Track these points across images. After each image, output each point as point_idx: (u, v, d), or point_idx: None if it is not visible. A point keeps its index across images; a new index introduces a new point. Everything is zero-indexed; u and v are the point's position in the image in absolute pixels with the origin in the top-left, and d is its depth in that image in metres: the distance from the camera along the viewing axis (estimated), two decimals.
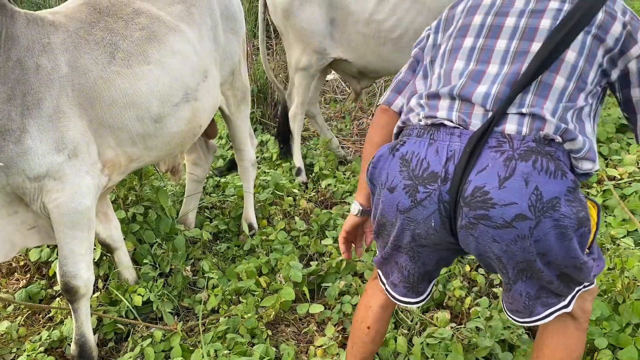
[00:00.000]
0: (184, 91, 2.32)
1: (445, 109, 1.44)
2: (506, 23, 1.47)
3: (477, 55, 1.47)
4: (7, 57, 1.86)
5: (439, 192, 1.37)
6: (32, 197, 1.97)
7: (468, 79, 1.45)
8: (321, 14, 3.44)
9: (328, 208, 3.43)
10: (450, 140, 1.39)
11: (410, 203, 1.41)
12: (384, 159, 1.49)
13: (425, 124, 1.46)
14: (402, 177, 1.42)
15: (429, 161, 1.39)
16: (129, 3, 2.24)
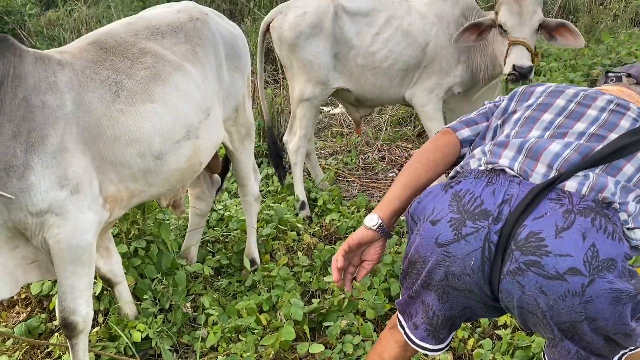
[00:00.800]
0: (186, 129, 2.35)
1: (508, 158, 1.45)
2: (588, 112, 1.52)
3: (554, 130, 1.50)
4: (14, 94, 1.90)
5: (487, 230, 1.34)
6: (33, 232, 1.98)
7: (541, 139, 1.47)
8: (326, 48, 3.59)
9: (332, 243, 3.42)
10: (508, 185, 1.39)
11: (453, 236, 1.37)
12: (434, 195, 1.47)
13: (485, 169, 1.45)
14: (450, 211, 1.40)
15: (483, 199, 1.38)
16: (135, 43, 2.29)
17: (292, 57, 3.67)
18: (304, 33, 3.55)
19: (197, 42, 2.49)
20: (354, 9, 3.60)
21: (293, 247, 3.33)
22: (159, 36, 2.39)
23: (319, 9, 3.55)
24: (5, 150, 1.85)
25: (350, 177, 4.45)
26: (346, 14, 3.59)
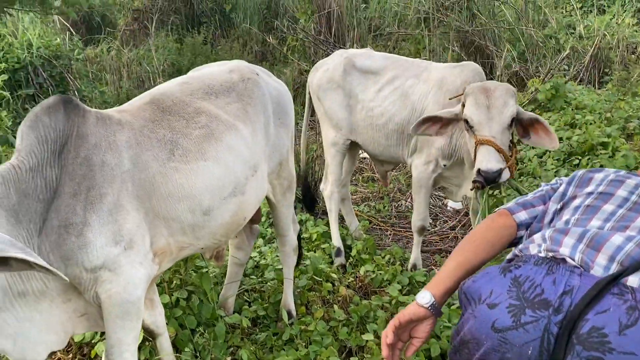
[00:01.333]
0: (234, 185, 2.41)
1: (569, 247, 1.44)
2: None
3: (615, 222, 1.49)
4: (76, 154, 1.98)
5: (548, 320, 1.33)
6: (86, 286, 2.02)
7: (602, 230, 1.46)
8: (341, 99, 3.90)
9: (367, 295, 3.40)
10: (569, 276, 1.38)
11: (511, 323, 1.36)
12: (491, 277, 1.46)
13: (545, 256, 1.45)
14: (509, 296, 1.38)
15: (543, 288, 1.37)
16: (190, 102, 2.37)
17: (319, 106, 4.03)
18: (322, 86, 3.95)
19: (248, 101, 2.56)
20: (364, 66, 3.82)
21: (329, 299, 3.32)
22: (213, 96, 2.47)
23: (334, 66, 3.92)
24: (65, 207, 1.92)
25: (383, 225, 4.45)
26: (357, 70, 3.84)
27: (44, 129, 1.94)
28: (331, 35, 6.83)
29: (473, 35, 6.71)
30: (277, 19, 9.11)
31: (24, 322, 1.92)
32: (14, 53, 4.78)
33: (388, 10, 8.14)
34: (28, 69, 4.74)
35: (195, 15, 9.64)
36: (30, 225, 1.87)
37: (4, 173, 1.85)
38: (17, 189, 1.85)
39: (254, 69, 2.79)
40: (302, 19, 7.73)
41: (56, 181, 1.93)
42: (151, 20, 8.73)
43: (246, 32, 9.30)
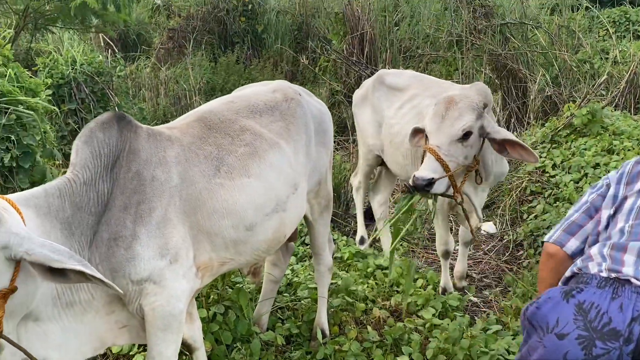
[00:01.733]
0: (276, 202, 2.44)
1: (632, 266, 1.41)
2: None
3: None
4: (127, 168, 2.04)
5: (619, 352, 1.31)
6: (131, 298, 2.06)
7: None
8: (370, 115, 4.06)
9: (400, 317, 3.37)
10: (636, 299, 1.35)
11: (583, 356, 1.34)
12: (554, 303, 1.45)
13: (608, 277, 1.42)
14: (577, 327, 1.36)
15: (610, 317, 1.34)
16: (236, 120, 2.43)
17: (355, 122, 4.31)
18: (357, 103, 4.22)
19: (290, 120, 2.61)
20: (392, 83, 3.93)
21: (362, 320, 3.30)
22: (257, 114, 2.52)
23: (368, 83, 4.16)
24: (116, 221, 1.97)
25: (414, 248, 4.42)
26: (385, 87, 3.96)
27: (98, 144, 2.00)
28: (363, 57, 6.89)
29: (506, 58, 6.68)
30: (309, 40, 9.23)
31: (69, 333, 1.96)
32: (59, 69, 4.95)
33: (419, 32, 8.19)
34: (71, 85, 4.89)
35: (228, 35, 9.84)
36: (82, 238, 1.92)
37: (61, 186, 1.91)
38: (71, 202, 1.91)
39: (297, 89, 2.84)
40: (334, 40, 7.82)
41: (108, 195, 1.98)
42: (185, 39, 8.94)
43: (277, 52, 9.45)
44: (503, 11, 7.56)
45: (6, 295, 1.58)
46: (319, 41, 8.74)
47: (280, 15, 9.94)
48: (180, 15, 9.99)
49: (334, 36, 7.86)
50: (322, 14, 9.38)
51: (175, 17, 10.08)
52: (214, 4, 9.81)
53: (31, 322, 1.82)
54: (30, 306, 1.74)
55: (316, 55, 8.65)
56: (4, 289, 1.57)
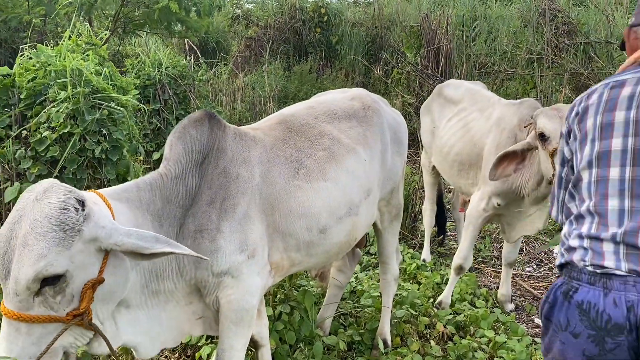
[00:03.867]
0: (349, 206, 2.47)
1: (612, 259, 1.45)
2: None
3: (630, 190, 1.46)
4: (215, 165, 2.13)
5: (627, 342, 1.42)
6: (210, 290, 2.14)
7: (629, 222, 1.44)
8: (428, 124, 4.17)
9: (464, 334, 3.31)
10: (625, 289, 1.42)
11: (598, 351, 1.46)
12: (559, 304, 1.54)
13: (595, 272, 1.47)
14: (584, 327, 1.47)
15: (609, 314, 1.43)
16: (315, 125, 2.49)
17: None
18: (422, 113, 4.35)
19: (367, 127, 2.64)
20: (449, 95, 4.03)
21: (425, 334, 3.26)
22: (336, 120, 2.57)
23: (432, 94, 4.26)
24: (202, 214, 2.06)
25: (482, 267, 4.32)
26: (442, 98, 4.07)
27: (191, 140, 2.10)
28: (438, 70, 6.85)
29: (588, 78, 6.44)
30: (382, 52, 9.27)
31: (154, 320, 2.05)
32: (146, 71, 5.23)
33: (496, 48, 8.03)
34: (156, 86, 5.16)
35: (303, 45, 10.06)
36: (169, 229, 2.02)
37: (152, 181, 2.02)
38: (162, 195, 2.01)
39: (374, 97, 2.87)
40: (408, 53, 7.82)
41: (195, 189, 2.08)
42: (262, 48, 9.21)
43: (350, 63, 9.55)
44: (587, 29, 7.30)
45: (95, 286, 1.67)
46: (392, 53, 8.75)
47: (355, 27, 10.05)
48: (259, 24, 10.31)
49: (408, 49, 7.86)
50: (397, 27, 9.40)
51: (254, 26, 10.41)
52: (291, 15, 10.07)
53: (123, 309, 1.92)
54: (122, 295, 1.83)
55: (388, 67, 8.66)
56: (92, 279, 1.66)
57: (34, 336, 1.59)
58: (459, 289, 3.71)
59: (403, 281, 3.98)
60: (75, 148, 3.22)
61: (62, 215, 1.56)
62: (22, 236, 1.54)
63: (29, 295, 1.55)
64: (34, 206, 1.57)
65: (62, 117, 3.21)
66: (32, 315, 1.57)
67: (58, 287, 1.58)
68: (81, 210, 1.60)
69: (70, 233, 1.56)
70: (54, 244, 1.53)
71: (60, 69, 3.37)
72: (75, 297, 1.64)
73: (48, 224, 1.54)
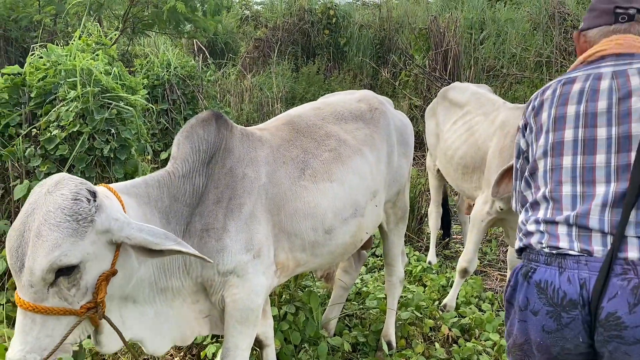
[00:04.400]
0: (354, 208, 2.48)
1: (566, 240, 1.56)
2: (598, 135, 1.56)
3: (581, 175, 1.58)
4: (222, 165, 2.15)
5: (581, 316, 1.52)
6: (215, 289, 2.15)
7: (581, 206, 1.55)
8: (433, 127, 4.20)
9: (469, 337, 3.30)
10: (578, 268, 1.52)
11: (556, 325, 1.56)
12: (520, 284, 1.65)
13: (550, 253, 1.58)
14: (543, 304, 1.58)
15: (564, 291, 1.53)
16: (322, 126, 2.50)
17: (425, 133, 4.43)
18: (427, 115, 4.35)
19: (374, 129, 2.65)
20: (454, 98, 4.04)
21: (430, 336, 3.26)
22: (343, 121, 2.58)
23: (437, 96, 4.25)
24: (209, 213, 2.08)
25: (488, 270, 4.32)
26: (447, 101, 4.08)
27: (198, 139, 2.12)
28: (446, 73, 6.84)
29: None
30: (390, 54, 9.28)
31: (160, 317, 2.07)
32: (155, 71, 5.27)
33: (505, 51, 8.01)
34: (165, 86, 5.20)
35: (311, 46, 10.09)
36: (176, 227, 2.03)
37: (160, 179, 2.03)
38: (169, 193, 2.03)
39: (381, 99, 2.88)
40: (416, 55, 7.82)
41: (202, 188, 2.10)
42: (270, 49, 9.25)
43: (357, 65, 9.56)
44: None
45: (108, 278, 1.69)
46: (400, 56, 8.75)
47: (363, 29, 10.07)
48: (267, 26, 10.35)
49: (416, 51, 7.86)
50: (405, 29, 9.40)
51: (262, 27, 10.46)
52: (299, 16, 10.11)
53: (130, 304, 1.94)
54: (127, 289, 1.85)
55: (396, 70, 8.66)
56: (106, 271, 1.68)
57: (48, 328, 1.60)
58: (464, 292, 3.71)
59: (408, 283, 3.98)
60: (84, 147, 3.25)
61: (74, 205, 1.58)
62: (35, 228, 1.56)
63: (44, 286, 1.57)
64: (47, 198, 1.59)
65: (72, 116, 3.24)
66: (48, 306, 1.58)
67: (72, 278, 1.60)
68: (93, 201, 1.62)
69: (83, 223, 1.58)
70: (67, 234, 1.55)
71: (70, 68, 3.40)
72: (89, 290, 1.66)
73: (61, 215, 1.56)
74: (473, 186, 3.63)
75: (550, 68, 6.87)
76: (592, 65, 1.65)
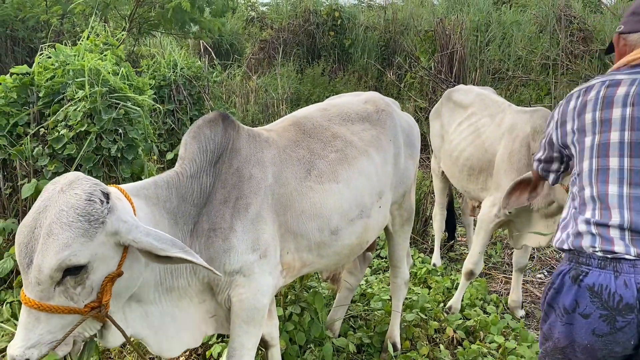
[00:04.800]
0: (360, 209, 2.48)
1: (621, 244, 1.58)
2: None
3: (629, 177, 1.61)
4: (229, 165, 2.16)
5: (637, 320, 1.55)
6: (222, 288, 2.16)
7: (631, 211, 1.58)
8: (437, 129, 4.19)
9: (474, 339, 3.30)
10: (634, 272, 1.55)
11: (609, 329, 1.58)
12: (567, 287, 1.65)
13: (605, 257, 1.60)
14: (596, 307, 1.59)
15: (621, 295, 1.55)
16: (328, 127, 2.51)
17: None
18: (431, 117, 4.33)
19: (380, 130, 2.66)
20: (458, 100, 4.02)
21: (435, 338, 3.26)
22: (349, 123, 2.59)
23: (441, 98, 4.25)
24: (216, 213, 2.08)
25: (493, 273, 4.31)
26: (452, 102, 4.07)
27: (205, 140, 2.13)
28: (452, 75, 6.84)
29: None
30: (395, 56, 9.28)
31: (166, 317, 2.07)
32: (162, 71, 5.29)
33: (510, 54, 8.01)
34: (171, 87, 5.22)
35: (316, 48, 10.10)
36: (184, 227, 2.04)
37: (169, 179, 2.04)
38: (177, 194, 2.03)
39: (388, 100, 2.89)
40: (421, 58, 7.82)
41: (209, 188, 2.11)
42: (276, 50, 9.27)
43: (362, 67, 9.57)
44: (604, 36, 7.25)
45: (114, 279, 1.70)
46: (406, 58, 8.76)
47: (369, 31, 10.07)
48: (273, 27, 10.37)
49: (422, 54, 7.86)
50: (410, 32, 9.40)
51: (268, 29, 10.48)
52: (305, 18, 10.12)
53: (134, 303, 1.95)
54: (133, 289, 1.85)
55: (401, 72, 8.66)
56: (112, 272, 1.69)
57: (51, 325, 1.61)
58: (469, 295, 3.70)
59: (413, 285, 3.98)
60: (92, 146, 3.27)
61: (88, 206, 1.59)
62: (47, 226, 1.57)
63: (51, 284, 1.58)
64: (60, 197, 1.60)
65: (80, 115, 3.26)
66: (53, 305, 1.60)
67: (79, 278, 1.61)
68: (106, 202, 1.63)
69: (95, 224, 1.59)
70: (79, 234, 1.56)
71: (78, 68, 3.42)
72: (95, 290, 1.67)
73: (74, 214, 1.57)
74: (479, 187, 3.64)
75: (557, 71, 6.87)
76: (637, 69, 1.68)
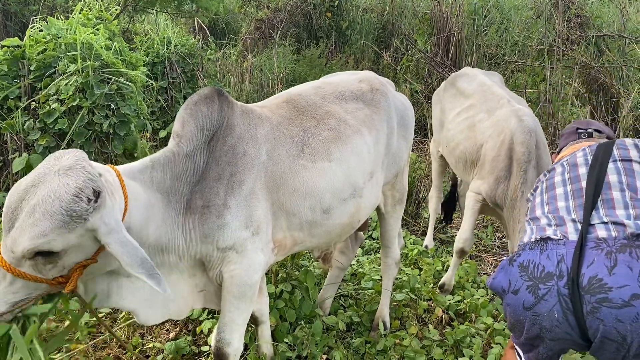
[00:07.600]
0: (353, 188, 2.48)
1: (550, 229, 1.80)
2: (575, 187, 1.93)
3: (571, 196, 1.90)
4: (224, 142, 2.14)
5: (557, 287, 1.67)
6: (214, 264, 2.17)
7: (559, 208, 1.88)
8: (438, 113, 4.19)
9: (463, 320, 3.34)
10: (557, 248, 1.73)
11: (534, 299, 1.71)
12: (504, 270, 1.84)
13: (535, 240, 1.81)
14: (524, 280, 1.75)
15: (543, 265, 1.72)
16: (322, 105, 2.49)
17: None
18: (433, 100, 4.33)
19: (374, 110, 2.65)
20: (461, 87, 3.96)
21: (424, 318, 3.30)
22: (343, 101, 2.58)
23: (444, 82, 4.24)
24: (209, 190, 2.08)
25: (485, 255, 4.34)
26: (454, 88, 4.02)
27: (203, 118, 2.11)
28: (448, 59, 6.80)
29: (598, 72, 6.38)
30: (393, 39, 9.21)
31: (155, 290, 2.09)
32: (155, 48, 5.24)
33: (507, 38, 7.96)
34: (165, 64, 5.17)
35: (313, 29, 9.99)
36: (177, 205, 2.04)
37: (165, 160, 2.03)
38: (172, 174, 2.03)
39: (382, 80, 2.87)
40: (418, 40, 7.77)
41: (203, 165, 2.09)
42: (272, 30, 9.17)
43: (359, 49, 9.49)
44: (600, 22, 7.22)
45: (86, 266, 1.73)
46: (403, 40, 8.70)
47: (366, 13, 9.97)
48: (269, 7, 10.25)
49: (419, 36, 7.81)
50: (408, 14, 9.32)
51: (264, 8, 10.35)
52: None
53: (123, 278, 1.96)
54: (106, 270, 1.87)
55: (398, 55, 8.61)
56: (85, 261, 1.71)
57: (15, 286, 1.65)
58: (458, 277, 3.73)
59: (404, 266, 4.01)
60: (84, 121, 3.24)
61: (73, 203, 1.58)
62: (32, 204, 1.57)
63: (22, 258, 1.61)
64: (53, 179, 1.60)
65: (72, 90, 3.23)
66: (21, 271, 1.63)
67: (51, 259, 1.63)
68: (94, 202, 1.61)
69: (76, 220, 1.59)
70: (57, 226, 1.56)
71: (70, 42, 3.38)
72: (66, 269, 1.69)
73: (58, 206, 1.56)
74: (472, 176, 3.65)
75: (552, 56, 6.84)
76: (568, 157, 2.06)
